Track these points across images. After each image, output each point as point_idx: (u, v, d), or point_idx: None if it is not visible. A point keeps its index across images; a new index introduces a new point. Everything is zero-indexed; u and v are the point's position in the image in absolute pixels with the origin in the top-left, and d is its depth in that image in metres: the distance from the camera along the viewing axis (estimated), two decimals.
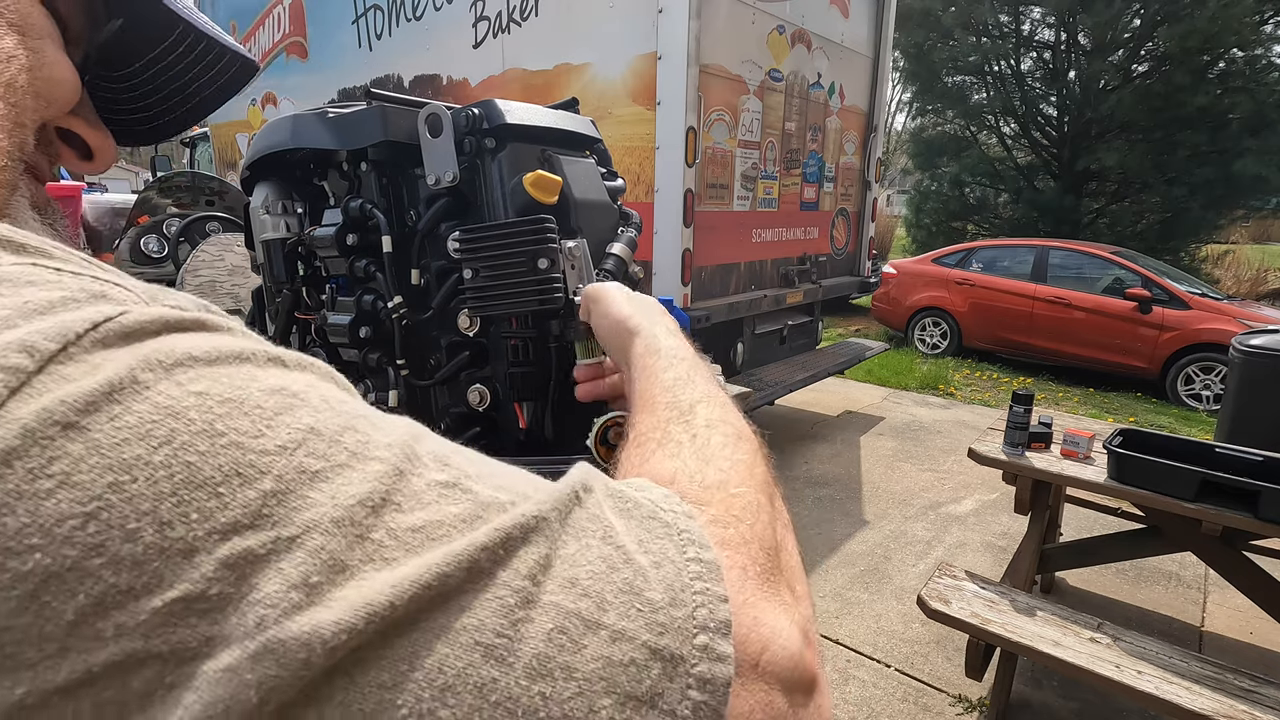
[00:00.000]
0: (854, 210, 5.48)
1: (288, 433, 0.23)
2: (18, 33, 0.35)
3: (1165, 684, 1.83)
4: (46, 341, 0.21)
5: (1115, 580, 3.29)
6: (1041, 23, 11.70)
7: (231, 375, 0.24)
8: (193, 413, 0.22)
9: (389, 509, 0.23)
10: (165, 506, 0.20)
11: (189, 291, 1.13)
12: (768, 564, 0.32)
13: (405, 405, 0.77)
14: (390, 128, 0.72)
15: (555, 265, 0.66)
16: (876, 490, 4.27)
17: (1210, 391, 6.24)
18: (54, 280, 0.24)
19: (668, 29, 3.51)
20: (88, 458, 0.20)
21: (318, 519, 0.22)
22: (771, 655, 0.28)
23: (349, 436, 0.24)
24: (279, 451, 0.23)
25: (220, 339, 0.25)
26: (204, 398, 0.22)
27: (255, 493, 0.22)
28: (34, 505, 0.19)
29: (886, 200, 19.55)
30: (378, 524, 0.23)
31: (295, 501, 0.22)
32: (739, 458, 0.39)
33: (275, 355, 0.26)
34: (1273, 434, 2.76)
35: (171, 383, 0.22)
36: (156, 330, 0.24)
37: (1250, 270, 12.45)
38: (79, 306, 0.23)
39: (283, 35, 6.08)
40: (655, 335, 0.55)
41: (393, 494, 0.24)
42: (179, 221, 3.72)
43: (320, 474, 0.23)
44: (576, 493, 0.28)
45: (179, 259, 3.40)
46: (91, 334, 0.22)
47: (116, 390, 0.21)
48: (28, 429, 0.20)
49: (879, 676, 2.58)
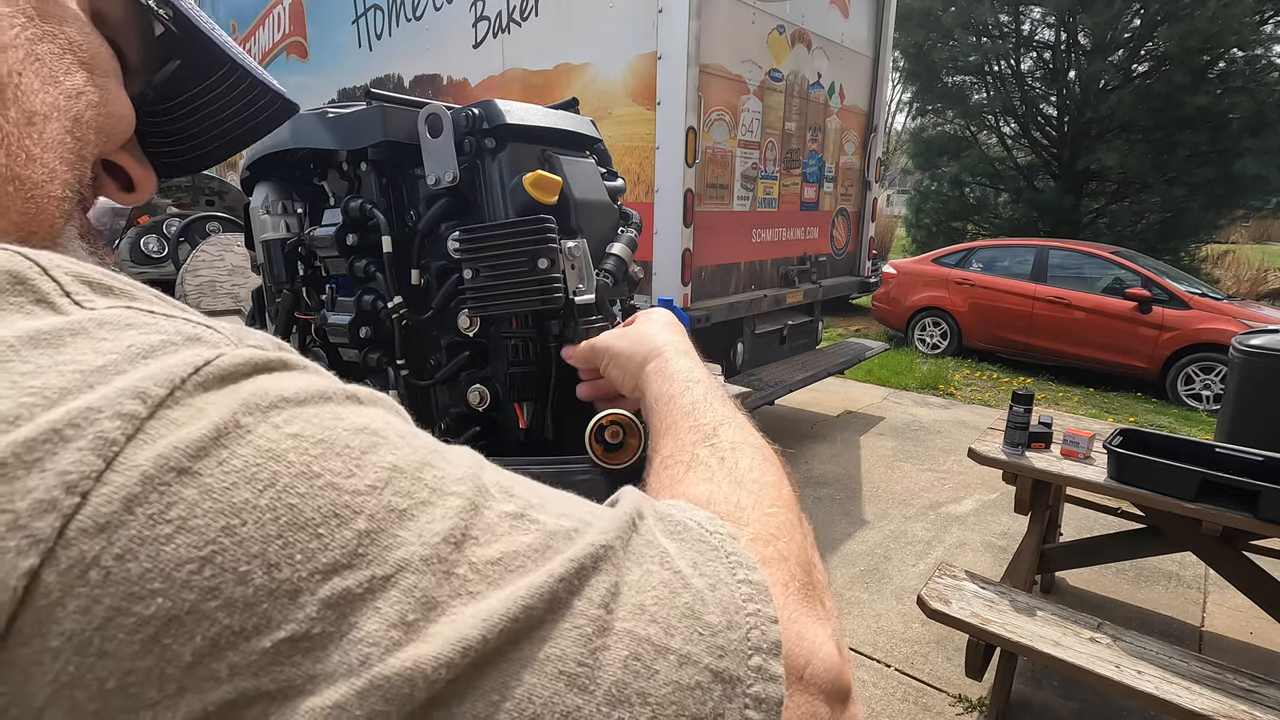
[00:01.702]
0: (854, 210, 5.48)
1: (375, 472, 0.24)
2: (87, 70, 0.36)
3: (1165, 684, 1.83)
4: (156, 387, 0.22)
5: (1115, 580, 3.29)
6: (1041, 23, 11.71)
7: (320, 415, 0.25)
8: (291, 455, 0.23)
9: (469, 543, 0.25)
10: (273, 549, 0.21)
11: (189, 291, 1.15)
12: (805, 580, 0.34)
13: (405, 405, 0.77)
14: (390, 128, 0.72)
15: (555, 265, 0.66)
16: (876, 490, 4.27)
17: (1210, 391, 6.25)
18: (150, 323, 0.25)
19: (668, 29, 3.51)
20: (202, 502, 0.21)
21: (409, 557, 0.23)
22: (814, 669, 0.30)
23: (428, 473, 0.26)
24: (369, 491, 0.24)
25: (303, 379, 0.26)
26: (299, 440, 0.23)
27: (351, 532, 0.23)
28: (155, 550, 0.20)
29: (886, 200, 19.55)
30: (460, 559, 0.24)
31: (387, 540, 0.23)
32: (767, 479, 0.40)
33: (351, 393, 0.27)
34: (1273, 434, 2.76)
35: (269, 425, 0.23)
36: (248, 372, 0.25)
37: (1250, 270, 12.45)
38: (177, 350, 0.24)
39: (283, 35, 6.08)
40: (666, 360, 0.56)
41: (471, 528, 0.25)
42: (179, 221, 3.73)
43: (407, 512, 0.24)
44: (633, 519, 0.30)
45: (179, 259, 3.40)
46: (194, 378, 0.23)
47: (223, 435, 0.22)
48: (147, 475, 0.21)
49: (879, 676, 2.58)
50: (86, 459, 0.20)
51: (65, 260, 0.26)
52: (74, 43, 0.35)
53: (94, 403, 0.21)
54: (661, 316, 0.66)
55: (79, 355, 0.22)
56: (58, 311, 0.24)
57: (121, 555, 0.20)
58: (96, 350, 0.23)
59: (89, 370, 0.22)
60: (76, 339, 0.23)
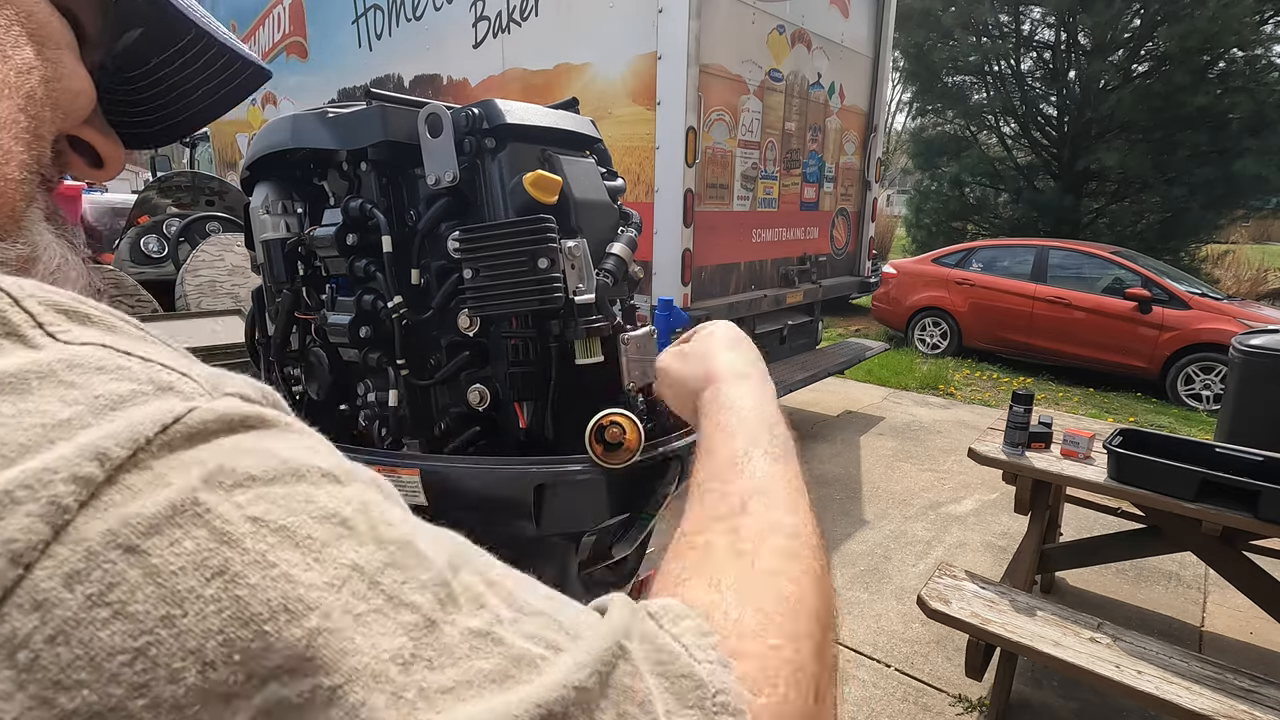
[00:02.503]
0: (854, 210, 5.48)
1: (334, 569, 0.23)
2: (37, 43, 0.34)
3: (1165, 684, 1.83)
4: (118, 448, 0.21)
5: (1115, 580, 3.29)
6: (1041, 23, 11.71)
7: (288, 497, 0.23)
8: (248, 541, 0.21)
9: (419, 665, 0.23)
10: (211, 645, 0.20)
11: (189, 291, 1.15)
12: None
13: (405, 405, 0.77)
14: (390, 128, 0.72)
15: (555, 265, 0.66)
16: (876, 490, 4.27)
17: (1210, 391, 6.24)
18: (123, 368, 0.24)
19: (668, 29, 3.51)
20: (144, 586, 0.20)
21: (359, 668, 0.21)
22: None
23: (389, 577, 0.24)
24: (325, 588, 0.22)
25: (280, 444, 0.25)
26: (259, 525, 0.22)
27: (301, 631, 0.21)
28: (88, 635, 0.19)
29: (886, 200, 19.54)
30: (409, 683, 0.22)
31: (339, 644, 0.21)
32: (786, 589, 0.35)
33: (329, 470, 0.25)
34: (1273, 434, 2.76)
35: (230, 504, 0.22)
36: (220, 430, 0.24)
37: (1250, 270, 12.44)
38: (147, 401, 0.23)
39: (283, 35, 6.08)
40: (719, 389, 0.52)
41: (423, 649, 0.23)
42: (179, 221, 3.73)
43: (361, 618, 0.22)
44: (618, 647, 0.27)
45: (179, 259, 3.40)
46: (160, 438, 0.22)
47: (179, 512, 0.21)
48: (93, 551, 0.19)
49: (879, 676, 2.58)
50: (35, 527, 0.19)
51: (39, 288, 0.25)
52: (21, 14, 0.33)
53: (51, 463, 0.20)
54: (725, 332, 0.62)
55: (44, 404, 0.21)
56: (29, 345, 0.23)
57: (53, 638, 0.18)
58: (63, 399, 0.22)
59: (51, 424, 0.21)
60: (44, 384, 0.22)
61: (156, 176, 4.65)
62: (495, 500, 0.70)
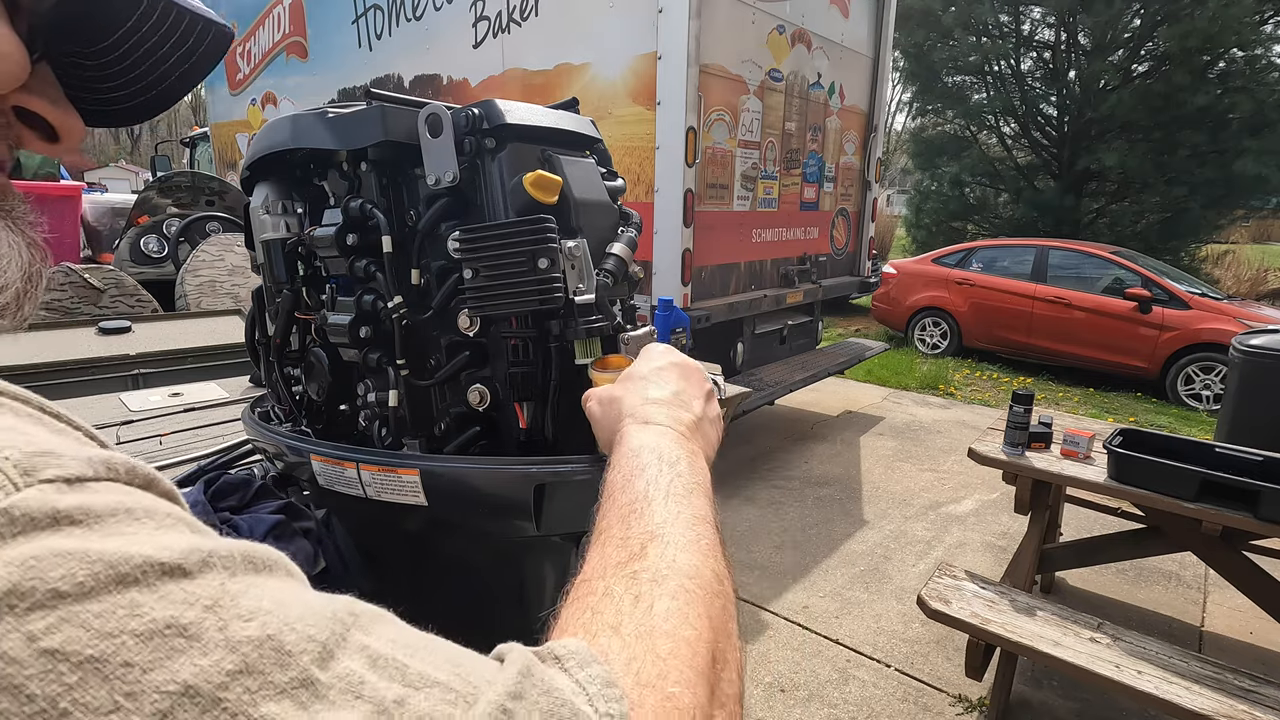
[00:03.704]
0: (854, 210, 5.48)
1: (153, 701, 0.19)
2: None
3: (1165, 684, 1.83)
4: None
5: (1115, 580, 3.29)
6: (1041, 23, 11.70)
7: (104, 616, 0.19)
8: (33, 685, 0.18)
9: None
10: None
11: (189, 291, 1.14)
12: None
13: (405, 405, 0.77)
14: (390, 128, 0.72)
15: (555, 265, 0.66)
16: (876, 490, 4.27)
17: (1210, 391, 6.24)
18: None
19: (668, 29, 3.51)
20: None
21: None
22: None
23: (236, 688, 0.20)
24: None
25: (108, 541, 0.21)
26: (56, 660, 0.18)
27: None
28: None
29: (886, 200, 19.55)
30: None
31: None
32: (684, 633, 0.35)
33: (172, 565, 0.21)
34: (1273, 434, 2.76)
35: (20, 636, 0.18)
36: (21, 531, 0.20)
37: (1250, 270, 12.43)
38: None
39: (283, 35, 6.08)
40: (624, 437, 0.52)
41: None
42: (179, 221, 3.73)
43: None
44: (502, 708, 0.26)
45: (179, 259, 3.40)
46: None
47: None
48: None
49: (879, 676, 2.58)
50: None
51: None
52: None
53: None
54: (656, 359, 0.62)
55: None
56: None
57: None
58: None
59: None
60: None
61: (156, 176, 4.65)
62: (495, 500, 0.70)
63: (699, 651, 0.34)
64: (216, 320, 2.42)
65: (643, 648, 0.33)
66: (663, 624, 0.35)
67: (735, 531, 3.67)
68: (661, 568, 0.38)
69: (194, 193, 4.16)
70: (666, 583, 0.37)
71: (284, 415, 0.92)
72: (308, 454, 0.77)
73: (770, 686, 2.51)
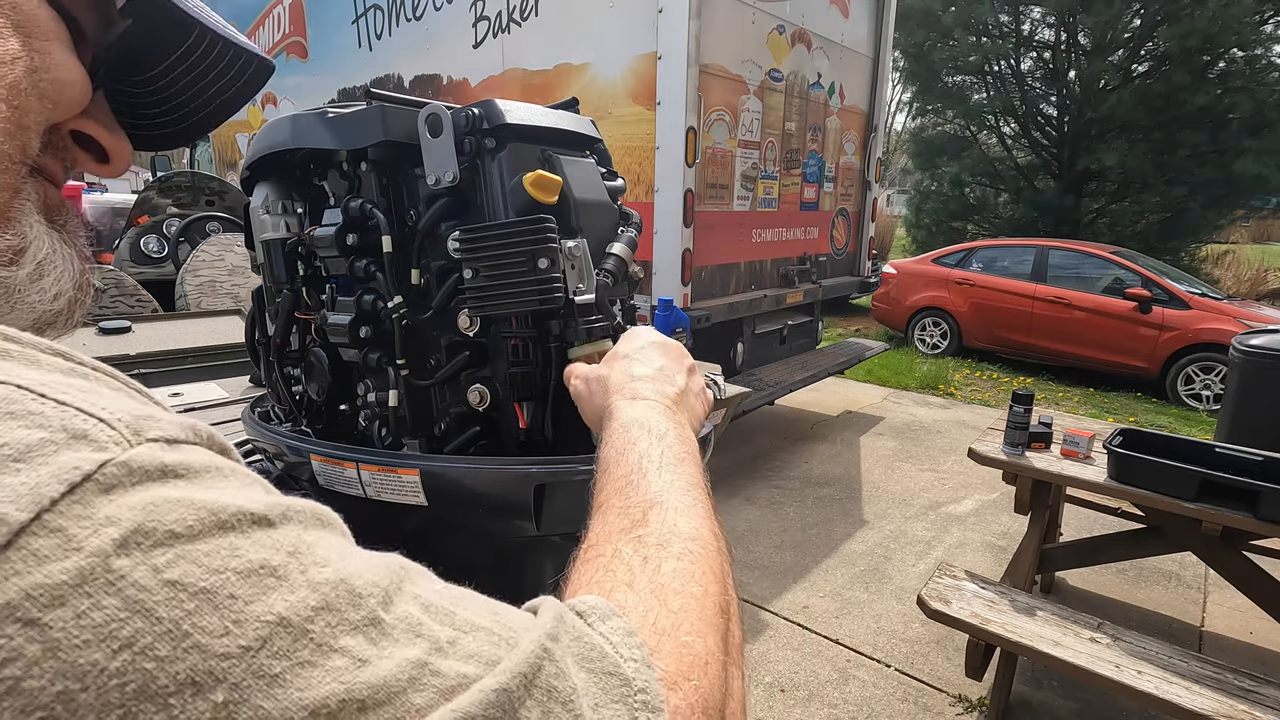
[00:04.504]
0: (854, 210, 5.48)
1: (255, 628, 0.22)
2: (22, 34, 0.34)
3: (1165, 684, 1.83)
4: (18, 511, 0.20)
5: (1115, 580, 3.29)
6: (1041, 23, 11.70)
7: (212, 554, 0.22)
8: (161, 609, 0.21)
9: (350, 708, 0.22)
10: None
11: (189, 291, 1.15)
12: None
13: (405, 405, 0.77)
14: (390, 128, 0.72)
15: (555, 265, 0.66)
16: (876, 490, 4.27)
17: (1210, 391, 6.24)
18: (34, 414, 0.22)
19: (668, 29, 3.51)
20: (43, 661, 0.19)
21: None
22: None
23: (319, 622, 0.23)
24: (240, 654, 0.21)
25: (207, 493, 0.24)
26: (177, 590, 0.21)
27: (206, 704, 0.20)
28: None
29: (886, 200, 19.54)
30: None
31: (248, 713, 0.21)
32: (691, 589, 0.38)
33: (260, 515, 0.25)
34: (1273, 434, 2.76)
35: (147, 568, 0.21)
36: (138, 482, 0.23)
37: (1250, 270, 12.43)
38: (56, 452, 0.21)
39: (283, 35, 6.08)
40: (614, 414, 0.54)
41: (355, 690, 0.23)
42: (179, 221, 3.73)
43: (279, 677, 0.22)
44: (539, 659, 0.28)
45: (179, 259, 3.40)
46: (68, 498, 0.21)
47: (87, 580, 0.20)
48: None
49: (879, 676, 2.58)
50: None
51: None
52: (6, 6, 0.33)
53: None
54: (638, 339, 0.64)
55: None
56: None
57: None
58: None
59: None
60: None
61: (156, 176, 4.64)
62: (495, 500, 0.70)
63: (706, 605, 0.37)
64: (216, 320, 2.42)
65: (656, 602, 0.36)
66: (671, 582, 0.37)
67: (735, 531, 3.67)
68: (664, 532, 0.41)
69: (194, 193, 4.16)
70: (671, 545, 0.40)
71: (284, 415, 0.92)
72: (308, 454, 0.77)
73: (770, 686, 2.51)
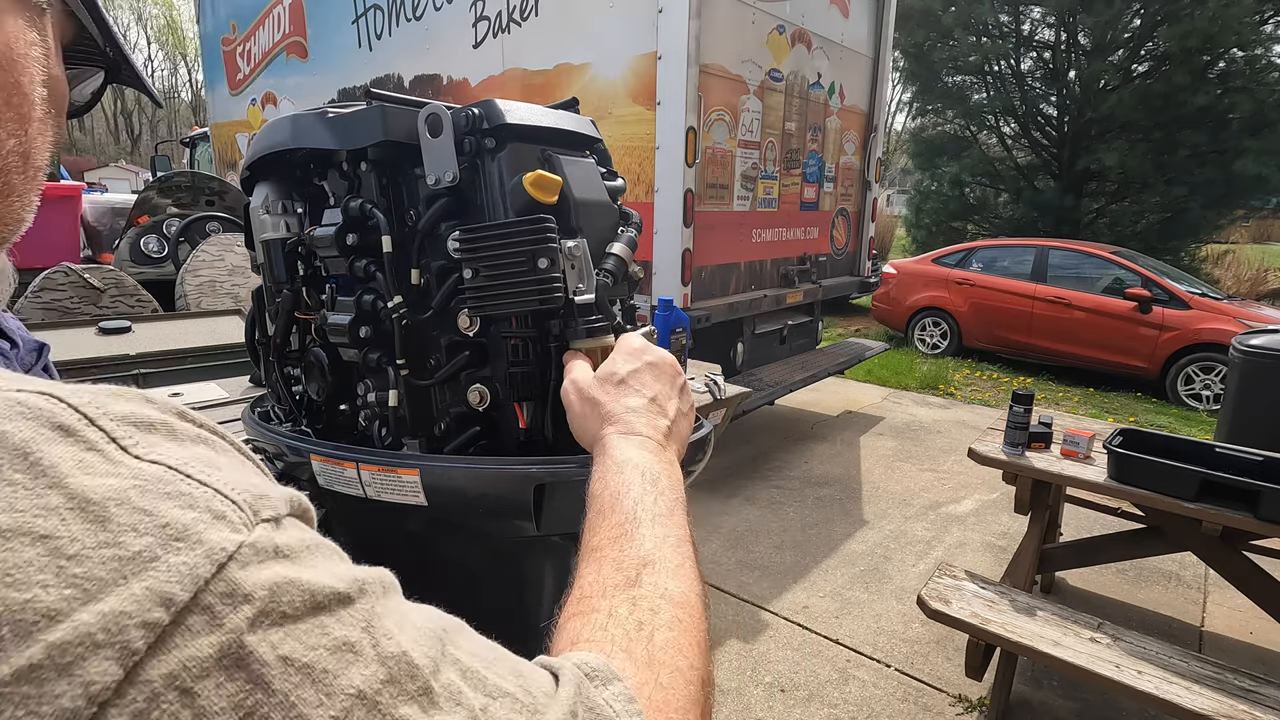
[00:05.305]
0: (854, 210, 5.48)
1: (341, 700, 0.25)
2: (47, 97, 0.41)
3: (1165, 684, 1.83)
4: (182, 591, 0.24)
5: (1115, 580, 3.29)
6: (1041, 23, 11.70)
7: (310, 634, 0.26)
8: (276, 683, 0.24)
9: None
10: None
11: (189, 291, 1.15)
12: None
13: (405, 405, 0.77)
14: (390, 128, 0.72)
15: (555, 265, 0.66)
16: (876, 490, 4.27)
17: (1210, 391, 6.25)
18: (185, 494, 0.26)
19: (668, 29, 3.52)
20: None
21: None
22: None
23: (386, 694, 0.27)
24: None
25: (305, 572, 0.27)
26: (287, 665, 0.25)
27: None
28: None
29: (886, 200, 19.55)
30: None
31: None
32: (680, 663, 0.39)
33: (343, 593, 0.28)
34: (1273, 434, 2.76)
35: (268, 646, 0.25)
36: (261, 562, 0.26)
37: (1250, 270, 12.43)
38: (204, 531, 0.25)
39: (283, 35, 6.08)
40: (607, 448, 0.56)
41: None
42: (179, 221, 3.72)
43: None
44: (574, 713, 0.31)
45: (179, 259, 3.40)
46: (215, 581, 0.24)
47: (225, 655, 0.24)
48: (155, 693, 0.22)
49: (879, 676, 2.58)
50: (110, 670, 0.21)
51: (103, 397, 0.28)
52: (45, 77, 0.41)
53: (126, 606, 0.22)
54: (632, 358, 0.64)
55: (120, 536, 0.24)
56: (109, 460, 0.25)
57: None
58: (135, 529, 0.24)
59: (126, 558, 0.23)
60: (120, 511, 0.24)
61: (156, 176, 4.64)
62: (495, 500, 0.70)
63: (691, 681, 0.39)
64: (216, 320, 2.42)
65: (650, 675, 0.38)
66: (661, 654, 0.39)
67: (735, 531, 3.67)
68: (656, 597, 0.43)
69: (194, 193, 4.16)
70: (662, 613, 0.42)
71: (284, 415, 0.92)
72: (307, 454, 0.77)
73: (770, 686, 2.51)
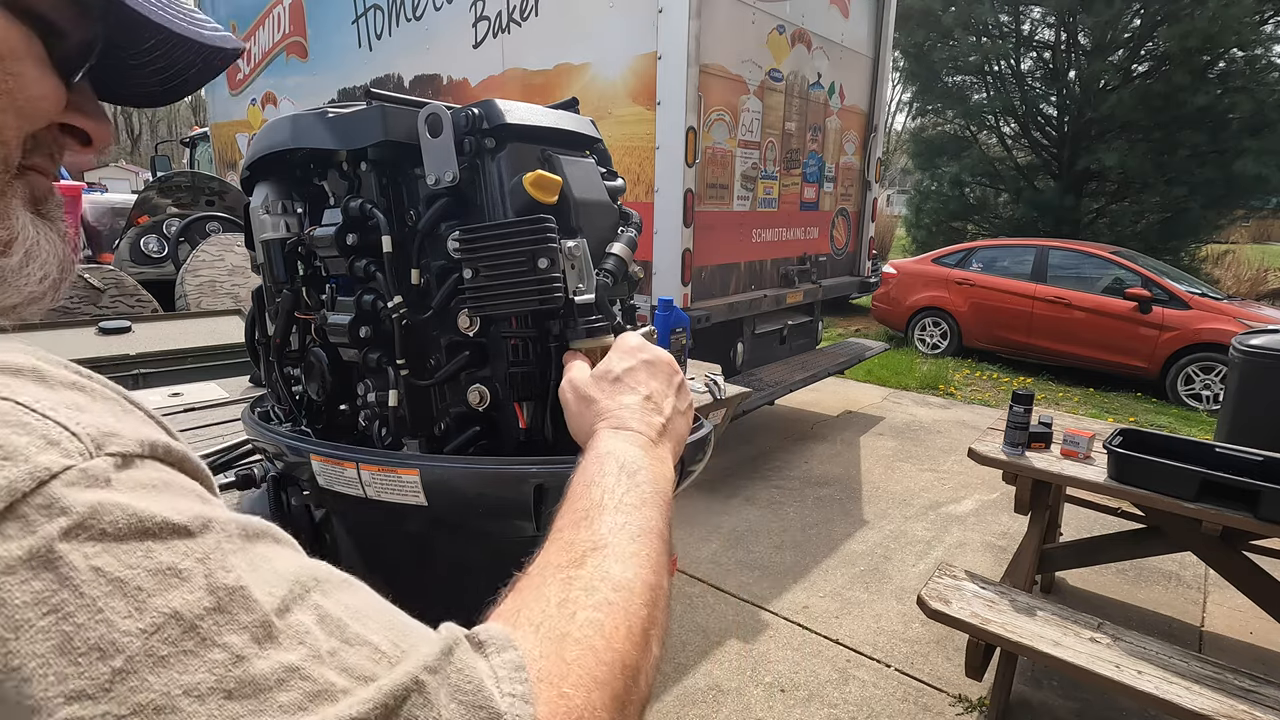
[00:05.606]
0: (854, 210, 5.48)
1: (153, 617, 0.27)
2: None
3: (1165, 684, 1.83)
4: None
5: (1115, 580, 3.29)
6: (1041, 23, 11.70)
7: (130, 553, 0.27)
8: (85, 587, 0.26)
9: (215, 695, 0.26)
10: (31, 665, 0.24)
11: (189, 291, 1.15)
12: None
13: (405, 405, 0.77)
14: (390, 127, 0.72)
15: (555, 265, 0.66)
16: (876, 490, 4.27)
17: (1210, 391, 6.24)
18: (24, 423, 0.28)
19: (668, 29, 3.51)
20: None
21: (144, 703, 0.25)
22: None
23: (208, 620, 0.27)
24: (138, 634, 0.26)
25: (141, 502, 0.29)
26: (99, 575, 0.26)
27: (106, 669, 0.25)
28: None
29: (886, 200, 19.54)
30: (199, 710, 0.26)
31: (133, 682, 0.25)
32: (595, 642, 0.38)
33: (180, 525, 0.29)
34: (1273, 434, 2.76)
35: (79, 554, 0.26)
36: (88, 486, 0.28)
37: (1250, 270, 12.42)
38: (34, 455, 0.27)
39: (283, 35, 6.08)
40: (594, 441, 0.56)
41: (224, 681, 0.27)
42: (179, 221, 3.72)
43: (165, 659, 0.26)
44: (407, 690, 0.30)
45: (179, 259, 3.40)
46: (35, 493, 0.26)
47: (34, 557, 0.25)
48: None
49: (879, 676, 2.58)
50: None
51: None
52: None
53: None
54: (628, 357, 0.64)
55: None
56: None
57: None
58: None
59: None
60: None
61: (156, 176, 4.64)
62: (495, 500, 0.70)
63: (604, 661, 0.38)
64: (216, 320, 2.42)
65: (553, 649, 0.37)
66: (577, 631, 0.38)
67: (735, 531, 3.67)
68: (595, 579, 0.42)
69: (194, 193, 4.16)
70: (596, 594, 0.41)
71: (284, 415, 0.92)
72: (307, 454, 0.77)
73: (770, 686, 2.51)
